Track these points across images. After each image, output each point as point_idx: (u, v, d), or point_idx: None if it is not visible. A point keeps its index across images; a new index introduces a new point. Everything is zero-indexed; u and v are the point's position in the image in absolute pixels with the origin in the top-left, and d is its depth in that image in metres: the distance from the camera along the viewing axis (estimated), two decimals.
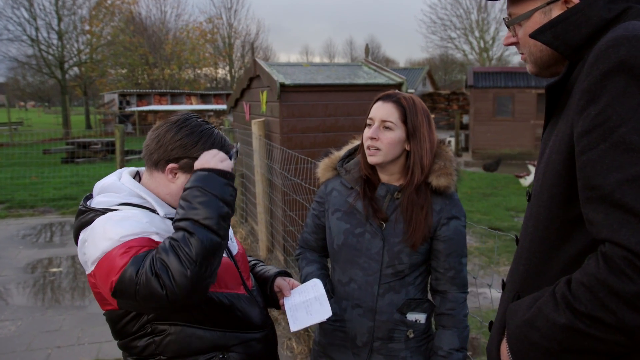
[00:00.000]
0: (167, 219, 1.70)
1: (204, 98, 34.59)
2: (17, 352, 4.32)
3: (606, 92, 1.08)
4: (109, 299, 1.60)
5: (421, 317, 2.01)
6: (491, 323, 1.52)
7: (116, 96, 32.88)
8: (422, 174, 1.95)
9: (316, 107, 5.96)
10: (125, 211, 1.65)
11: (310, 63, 6.84)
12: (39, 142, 21.80)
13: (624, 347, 1.05)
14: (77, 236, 1.69)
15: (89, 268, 1.60)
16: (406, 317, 1.99)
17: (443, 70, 50.08)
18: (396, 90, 2.07)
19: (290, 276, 2.11)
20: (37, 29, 32.90)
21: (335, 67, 6.78)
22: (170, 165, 1.70)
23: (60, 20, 33.33)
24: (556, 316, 1.10)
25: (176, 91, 34.72)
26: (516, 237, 1.45)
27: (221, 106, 28.75)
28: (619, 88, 1.06)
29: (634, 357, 1.09)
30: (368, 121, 2.00)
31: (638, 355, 1.08)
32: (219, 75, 47.27)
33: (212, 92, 36.36)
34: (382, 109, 1.96)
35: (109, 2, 35.90)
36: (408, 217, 1.94)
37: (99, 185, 1.77)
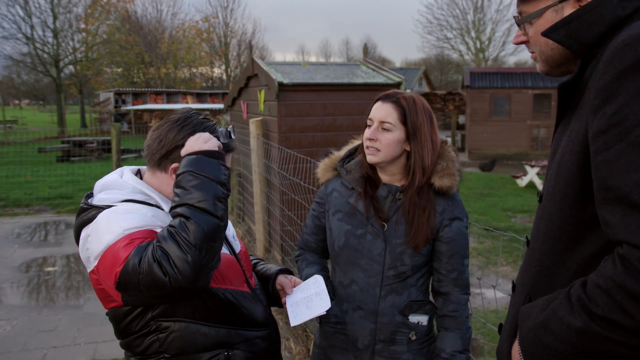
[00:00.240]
0: None
1: (200, 97, 34.53)
2: (13, 352, 4.27)
3: (623, 91, 1.06)
4: (113, 294, 1.58)
5: (423, 319, 1.99)
6: (500, 325, 1.49)
7: (112, 95, 32.78)
8: (424, 175, 1.93)
9: (314, 107, 5.94)
10: (129, 205, 1.63)
11: (308, 62, 6.81)
12: (34, 141, 21.70)
13: None
14: (79, 234, 1.67)
15: (92, 264, 1.58)
16: (408, 319, 1.97)
17: (439, 70, 50.14)
18: (397, 89, 2.04)
19: (292, 274, 2.09)
20: (33, 27, 32.75)
21: (333, 67, 6.76)
22: (173, 165, 1.69)
23: (55, 18, 33.17)
24: (571, 319, 1.08)
25: (172, 90, 34.65)
26: (527, 239, 1.42)
27: (217, 105, 28.67)
28: (636, 87, 1.04)
29: None
30: (368, 121, 1.99)
31: None
32: (215, 74, 47.22)
33: (208, 91, 36.33)
34: (381, 110, 1.94)
35: (105, 1, 35.77)
36: (410, 219, 1.92)
37: (100, 183, 1.75)
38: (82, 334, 4.62)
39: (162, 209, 1.71)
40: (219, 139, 1.72)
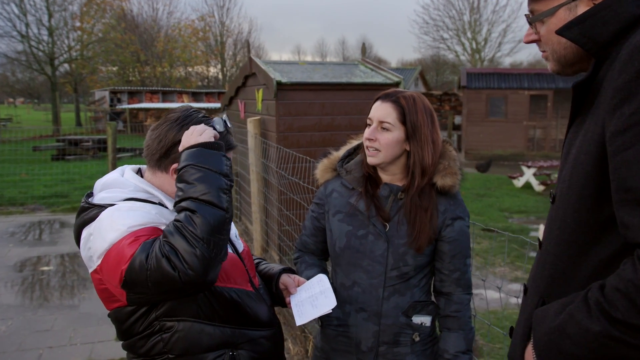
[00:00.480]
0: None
1: (196, 96, 34.42)
2: (8, 353, 4.23)
3: None
4: (117, 294, 1.55)
5: (426, 320, 1.97)
6: (512, 329, 1.47)
7: (107, 93, 32.66)
8: (424, 176, 1.90)
9: (313, 106, 5.91)
10: (132, 203, 1.61)
11: (306, 61, 6.79)
12: (29, 139, 21.58)
13: None
14: (79, 234, 1.64)
15: (95, 263, 1.55)
16: (412, 320, 1.94)
17: (435, 70, 50.17)
18: (397, 88, 2.01)
19: (295, 273, 2.06)
20: (27, 25, 32.54)
21: (331, 66, 6.73)
22: (174, 165, 1.67)
23: (50, 16, 32.98)
24: (589, 323, 1.05)
25: (167, 89, 34.53)
26: (539, 241, 1.40)
27: (213, 104, 28.59)
28: None
29: None
30: (367, 121, 1.96)
31: None
32: (211, 73, 47.08)
33: (204, 91, 36.21)
34: (380, 109, 1.92)
35: None
36: (412, 220, 1.90)
37: (101, 182, 1.72)
38: (78, 334, 4.58)
39: (166, 207, 1.68)
40: (215, 128, 1.69)
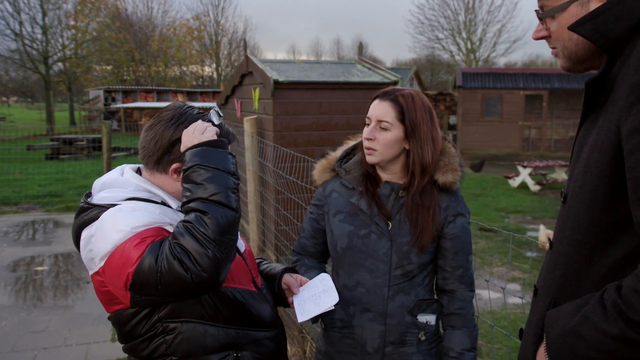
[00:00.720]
0: (181, 212, 1.62)
1: (191, 96, 34.29)
2: (2, 354, 4.18)
3: None
4: (120, 296, 1.51)
5: (431, 319, 1.95)
6: (521, 330, 1.44)
7: (101, 92, 32.49)
8: (425, 174, 1.89)
9: (310, 105, 5.88)
10: (135, 203, 1.57)
11: (303, 60, 6.76)
12: (22, 138, 21.45)
13: None
14: (78, 235, 1.60)
15: (97, 265, 1.51)
16: (417, 319, 1.92)
17: (430, 70, 50.19)
18: (396, 86, 1.99)
19: (297, 272, 2.03)
20: (21, 23, 32.35)
21: (329, 65, 6.71)
22: (174, 165, 1.64)
23: (44, 14, 32.80)
24: (606, 325, 1.03)
25: (162, 88, 34.39)
26: (549, 241, 1.37)
27: (208, 104, 28.49)
28: None
29: None
30: (366, 120, 1.94)
31: None
32: (206, 73, 46.95)
33: (199, 90, 36.09)
34: (379, 108, 1.89)
35: None
36: (414, 220, 1.88)
37: (100, 181, 1.67)
38: (73, 335, 4.54)
39: (169, 206, 1.65)
40: (214, 123, 1.66)
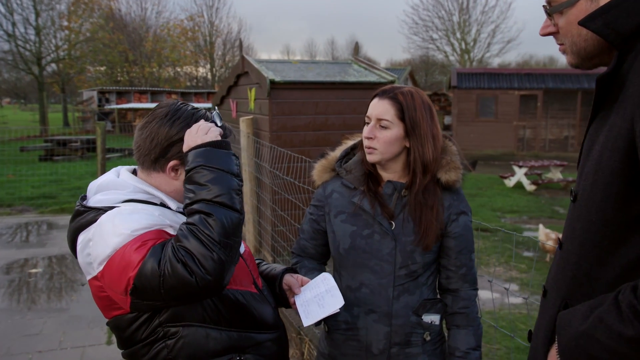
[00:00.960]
0: (180, 213, 1.58)
1: (185, 96, 34.18)
2: None
3: None
4: (119, 301, 1.47)
5: (436, 318, 1.94)
6: (530, 332, 1.42)
7: (95, 93, 32.34)
8: (426, 172, 1.87)
9: (306, 105, 5.85)
10: (133, 205, 1.53)
11: (299, 60, 6.73)
12: (16, 140, 21.33)
13: None
14: (74, 239, 1.55)
15: (95, 269, 1.47)
16: (422, 319, 1.90)
17: (424, 71, 50.24)
18: (395, 84, 1.97)
19: (297, 273, 2.00)
20: (14, 24, 32.13)
21: (325, 65, 6.68)
22: (171, 162, 1.60)
23: (37, 15, 32.59)
24: (622, 327, 1.00)
25: (156, 89, 34.26)
26: (559, 241, 1.34)
27: (202, 104, 28.44)
28: None
29: None
30: (366, 119, 1.92)
31: None
32: (200, 73, 46.82)
33: (193, 91, 35.99)
34: (378, 107, 1.87)
35: None
36: (417, 219, 1.86)
37: (96, 184, 1.63)
38: (69, 338, 4.48)
39: (168, 207, 1.61)
40: (217, 124, 1.63)
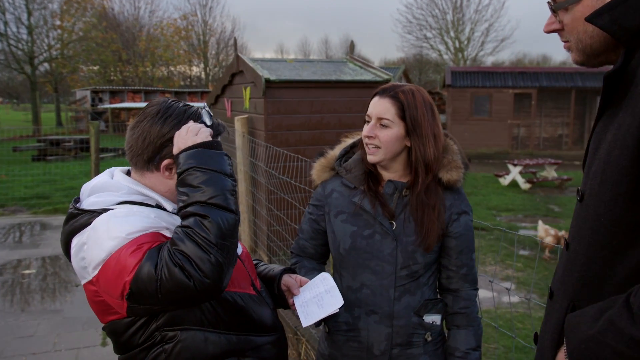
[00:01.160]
0: (176, 215, 1.55)
1: (179, 96, 34.03)
2: None
3: None
4: (115, 306, 1.44)
5: (437, 318, 1.92)
6: (536, 335, 1.39)
7: (88, 93, 32.19)
8: (428, 171, 1.85)
9: (302, 104, 5.82)
10: (129, 208, 1.49)
11: (294, 59, 6.70)
12: (8, 140, 21.20)
13: None
14: (68, 243, 1.52)
15: (90, 274, 1.44)
16: (424, 320, 1.88)
17: (418, 70, 50.29)
18: (396, 83, 1.94)
19: (296, 273, 1.97)
20: (6, 23, 31.89)
21: (320, 64, 6.65)
22: (165, 162, 1.56)
23: (30, 14, 32.39)
24: (634, 331, 0.98)
25: (150, 88, 34.11)
26: (565, 241, 1.32)
27: (196, 104, 28.26)
28: None
29: None
30: (366, 117, 1.89)
31: None
32: (194, 73, 46.69)
33: (187, 90, 35.88)
34: (379, 105, 1.85)
35: None
36: (419, 219, 1.84)
37: (90, 186, 1.60)
38: (63, 340, 4.44)
39: (164, 209, 1.57)
40: (206, 124, 1.59)
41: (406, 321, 1.86)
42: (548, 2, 1.31)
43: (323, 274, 1.88)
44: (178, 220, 1.50)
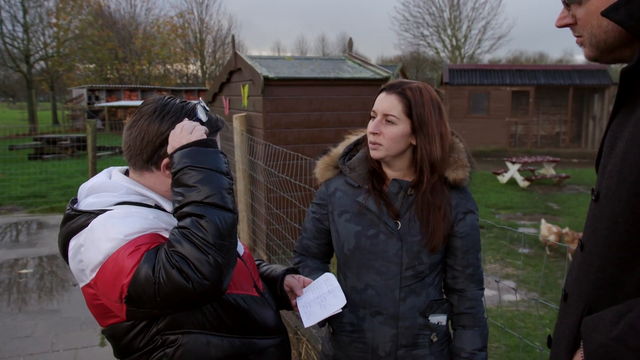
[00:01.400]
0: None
1: (176, 94, 33.91)
2: None
3: None
4: (115, 309, 1.40)
5: (442, 319, 1.90)
6: (549, 338, 1.36)
7: (85, 91, 32.08)
8: (434, 171, 1.82)
9: (300, 102, 5.79)
10: (127, 208, 1.45)
11: (293, 57, 6.65)
12: (4, 138, 21.12)
13: None
14: (66, 245, 1.48)
15: (88, 277, 1.40)
16: (429, 320, 1.86)
17: (415, 67, 50.26)
18: (403, 79, 1.91)
19: (298, 273, 1.94)
20: (2, 21, 31.74)
21: (318, 61, 6.61)
22: (165, 160, 1.52)
23: (25, 12, 32.23)
24: None
25: (147, 87, 34.01)
26: (579, 242, 1.29)
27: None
28: None
29: None
30: (371, 113, 1.86)
31: None
32: (190, 70, 46.59)
33: (184, 88, 35.80)
34: (385, 101, 1.81)
35: None
36: (425, 221, 1.81)
37: (87, 186, 1.56)
38: (61, 340, 4.40)
39: (163, 209, 1.54)
40: (202, 121, 1.55)
41: (412, 322, 1.83)
42: None
43: (326, 275, 1.85)
44: (177, 221, 1.46)
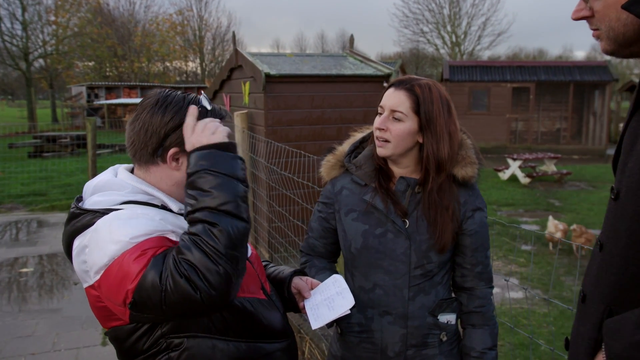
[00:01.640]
0: (182, 216, 1.48)
1: None
2: None
3: None
4: (118, 312, 1.37)
5: (452, 318, 1.87)
6: (567, 340, 1.33)
7: (84, 89, 32.04)
8: (440, 170, 1.78)
9: (302, 99, 5.75)
10: (132, 209, 1.42)
11: (294, 53, 6.62)
12: (4, 136, 21.08)
13: None
14: (70, 244, 1.45)
15: (92, 278, 1.37)
16: (438, 320, 1.83)
17: (414, 64, 50.18)
18: (412, 75, 1.88)
19: (306, 274, 1.90)
20: (0, 19, 31.69)
21: (320, 58, 6.57)
22: (171, 151, 1.48)
23: (24, 10, 32.15)
24: None
25: (146, 84, 33.96)
26: (598, 242, 1.25)
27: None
28: None
29: None
30: (379, 109, 1.83)
31: None
32: (190, 68, 46.52)
33: (183, 85, 35.71)
34: (393, 97, 1.78)
35: None
36: (432, 220, 1.78)
37: (92, 184, 1.52)
38: (62, 339, 4.37)
39: (169, 209, 1.50)
40: (206, 109, 1.52)
41: (421, 321, 1.81)
42: None
43: (335, 276, 1.82)
44: (184, 221, 1.42)
